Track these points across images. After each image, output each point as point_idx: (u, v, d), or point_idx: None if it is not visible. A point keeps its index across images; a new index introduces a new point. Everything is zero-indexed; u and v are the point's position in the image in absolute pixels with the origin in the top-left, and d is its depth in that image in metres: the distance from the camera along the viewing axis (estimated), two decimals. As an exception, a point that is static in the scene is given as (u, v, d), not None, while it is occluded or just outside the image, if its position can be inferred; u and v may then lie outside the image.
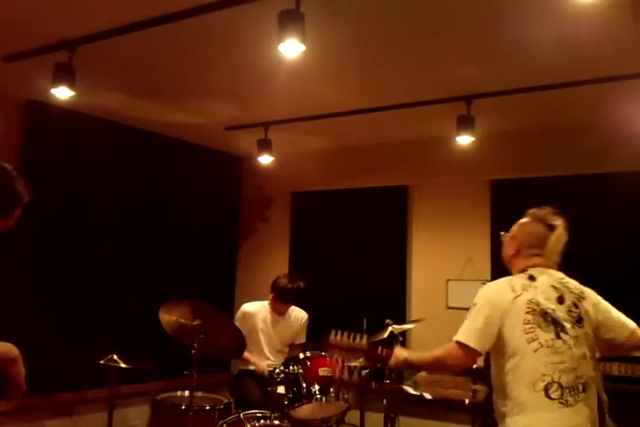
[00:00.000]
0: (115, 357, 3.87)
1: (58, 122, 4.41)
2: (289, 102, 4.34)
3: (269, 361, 4.24)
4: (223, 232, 5.80)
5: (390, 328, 3.94)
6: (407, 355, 2.39)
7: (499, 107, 4.25)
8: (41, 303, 4.27)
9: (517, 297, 2.25)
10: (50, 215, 4.34)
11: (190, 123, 4.93)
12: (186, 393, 3.80)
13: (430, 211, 5.20)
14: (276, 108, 4.52)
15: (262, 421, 3.47)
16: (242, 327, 4.11)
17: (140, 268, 4.97)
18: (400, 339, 3.89)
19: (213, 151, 5.70)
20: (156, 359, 4.07)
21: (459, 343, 2.21)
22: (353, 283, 5.23)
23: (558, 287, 2.32)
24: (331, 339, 2.48)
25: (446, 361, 2.25)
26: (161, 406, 3.90)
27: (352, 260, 5.33)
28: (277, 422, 3.47)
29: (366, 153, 5.38)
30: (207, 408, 3.84)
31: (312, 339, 4.55)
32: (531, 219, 2.52)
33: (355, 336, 2.49)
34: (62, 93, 3.46)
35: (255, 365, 4.19)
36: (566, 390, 2.12)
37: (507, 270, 4.78)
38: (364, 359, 2.43)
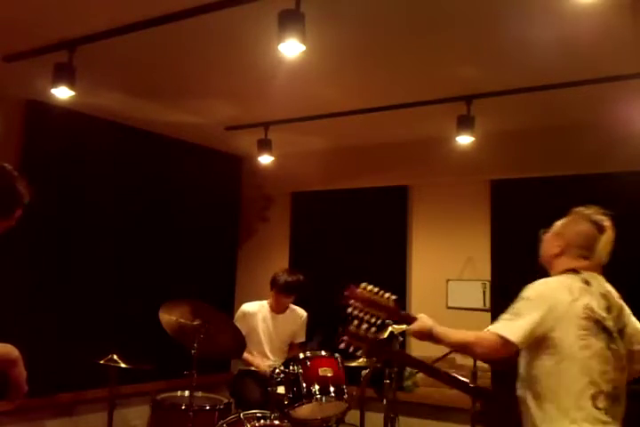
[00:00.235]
0: (115, 357, 3.87)
1: (58, 122, 4.41)
2: (289, 102, 4.34)
3: (270, 361, 4.25)
4: (223, 232, 5.80)
5: (390, 328, 3.93)
6: (433, 325, 2.31)
7: (499, 107, 4.25)
8: (41, 303, 4.27)
9: (575, 301, 2.16)
10: (50, 215, 4.34)
11: (190, 123, 4.93)
12: (186, 393, 3.80)
13: (430, 211, 5.20)
14: (276, 108, 4.52)
15: (262, 421, 3.47)
16: (242, 327, 4.11)
17: (140, 268, 4.97)
18: (400, 339, 3.88)
19: (213, 151, 5.70)
20: (156, 359, 4.07)
21: (499, 335, 2.11)
22: (353, 283, 5.22)
23: (606, 296, 2.24)
24: (362, 287, 2.42)
25: (475, 348, 2.16)
26: (161, 406, 3.90)
27: (352, 260, 5.32)
28: (277, 422, 3.47)
29: (366, 153, 5.38)
30: (207, 408, 3.84)
31: (312, 339, 4.55)
32: (578, 217, 2.39)
33: (383, 294, 2.41)
34: (62, 93, 3.46)
35: (256, 366, 4.19)
36: (609, 400, 2.09)
37: (507, 271, 4.77)
38: (386, 317, 2.33)
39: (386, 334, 3.92)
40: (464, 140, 4.17)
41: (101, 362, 3.86)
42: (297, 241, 5.74)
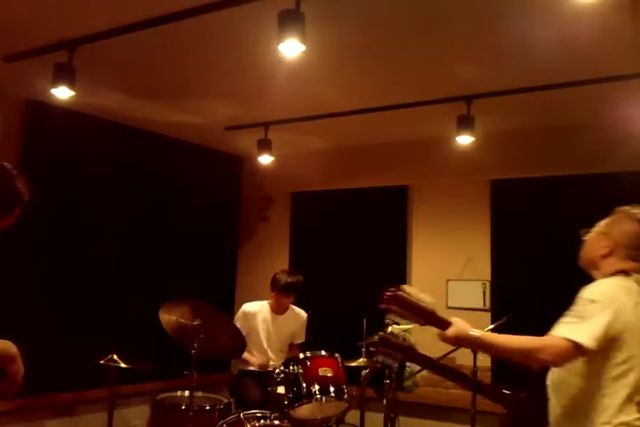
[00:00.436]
0: (115, 357, 3.87)
1: (58, 122, 4.41)
2: (289, 102, 4.34)
3: (271, 361, 4.25)
4: (223, 232, 5.80)
5: (390, 328, 3.94)
6: (475, 330, 2.09)
7: (499, 107, 4.25)
8: (41, 303, 4.27)
9: (637, 304, 2.07)
10: (50, 215, 4.34)
11: (190, 123, 4.93)
12: (186, 393, 3.80)
13: (430, 211, 5.20)
14: (276, 108, 4.52)
15: (262, 421, 3.47)
16: (242, 327, 4.12)
17: (140, 268, 4.97)
18: (400, 339, 3.89)
19: (213, 151, 5.70)
20: (156, 359, 4.07)
21: (568, 340, 1.97)
22: (353, 283, 5.23)
23: None
24: (405, 289, 2.18)
25: (540, 355, 1.98)
26: (161, 406, 3.90)
27: (352, 260, 5.33)
28: (277, 422, 3.47)
29: (366, 153, 5.38)
30: (207, 408, 3.84)
31: (311, 338, 4.56)
32: (623, 216, 2.28)
33: (422, 297, 2.19)
34: (62, 93, 3.46)
35: (256, 362, 4.18)
36: None
37: (507, 271, 4.74)
38: (424, 322, 2.14)
39: (386, 334, 3.94)
40: (464, 140, 4.17)
41: (101, 362, 3.86)
42: (297, 241, 5.74)
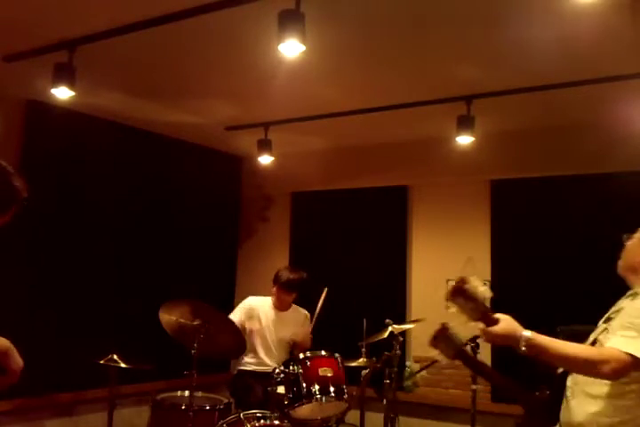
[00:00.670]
0: (115, 357, 3.86)
1: (58, 122, 4.41)
2: (289, 102, 4.35)
3: (272, 363, 4.26)
4: (223, 232, 5.80)
5: (390, 328, 3.94)
6: (527, 331, 1.98)
7: (499, 107, 4.25)
8: (41, 304, 4.27)
9: None
10: (49, 215, 4.34)
11: (190, 123, 4.93)
12: (186, 393, 3.79)
13: (430, 211, 5.20)
14: (276, 108, 4.52)
15: (262, 421, 3.46)
16: (240, 318, 4.13)
17: (140, 268, 4.97)
18: (400, 339, 3.89)
19: (213, 151, 5.70)
20: (156, 359, 4.07)
21: (629, 355, 1.94)
22: (353, 283, 5.23)
23: None
24: (471, 281, 2.07)
25: (603, 366, 1.93)
26: (161, 406, 3.90)
27: (352, 260, 5.33)
28: (277, 422, 3.46)
29: (366, 153, 5.38)
30: (207, 408, 3.83)
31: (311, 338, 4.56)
32: None
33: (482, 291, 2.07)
34: (62, 93, 3.46)
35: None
36: None
37: (507, 271, 4.73)
38: (477, 318, 2.07)
39: (386, 335, 3.95)
40: (464, 140, 4.17)
41: (101, 362, 3.85)
42: (297, 241, 5.74)
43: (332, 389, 3.55)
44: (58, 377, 4.25)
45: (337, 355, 3.73)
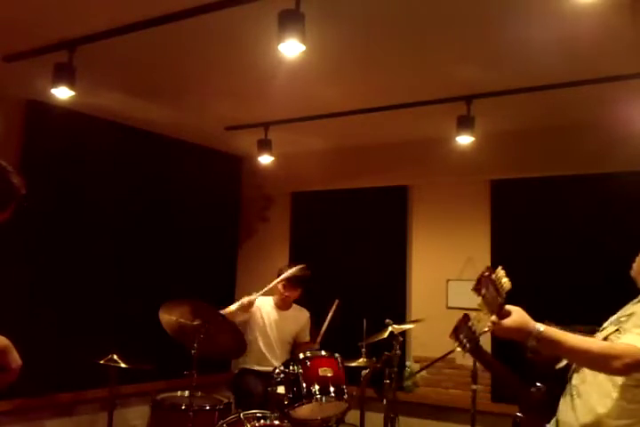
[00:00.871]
0: (115, 357, 3.87)
1: (58, 122, 4.41)
2: (289, 102, 4.34)
3: (275, 361, 4.26)
4: (223, 232, 5.80)
5: (390, 328, 3.94)
6: (540, 324, 1.97)
7: (499, 107, 4.25)
8: (41, 303, 4.27)
9: None
10: (49, 215, 4.34)
11: (190, 123, 4.93)
12: (186, 393, 3.80)
13: (430, 211, 5.20)
14: (276, 108, 4.52)
15: (262, 421, 3.47)
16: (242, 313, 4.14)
17: (140, 268, 4.97)
18: (400, 339, 3.89)
19: (213, 151, 5.70)
20: (156, 359, 4.07)
21: None
22: (353, 283, 5.23)
23: None
24: (498, 272, 2.09)
25: (616, 361, 1.92)
26: (161, 406, 3.90)
27: (352, 260, 5.33)
28: (277, 422, 3.47)
29: (366, 153, 5.38)
30: (207, 408, 3.84)
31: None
32: None
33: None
34: (62, 93, 3.46)
35: (239, 303, 4.16)
36: None
37: (507, 271, 4.72)
38: (495, 311, 2.07)
39: (386, 335, 3.95)
40: (464, 140, 4.17)
41: (101, 362, 3.86)
42: (297, 241, 5.74)
43: (332, 389, 3.56)
44: (58, 377, 4.25)
45: (337, 355, 3.74)
